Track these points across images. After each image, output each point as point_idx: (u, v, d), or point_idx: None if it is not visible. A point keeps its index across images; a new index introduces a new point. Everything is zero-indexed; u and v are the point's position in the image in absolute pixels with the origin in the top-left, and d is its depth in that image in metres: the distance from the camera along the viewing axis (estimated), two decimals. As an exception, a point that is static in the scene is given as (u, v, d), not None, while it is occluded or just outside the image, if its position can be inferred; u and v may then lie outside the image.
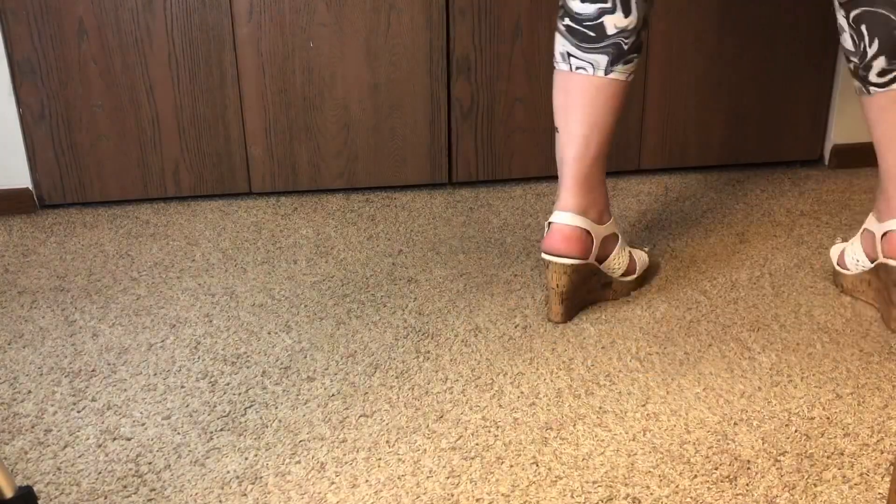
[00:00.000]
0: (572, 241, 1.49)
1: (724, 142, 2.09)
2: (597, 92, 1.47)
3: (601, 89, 1.47)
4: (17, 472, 1.23)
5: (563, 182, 1.51)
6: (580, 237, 1.49)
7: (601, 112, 1.48)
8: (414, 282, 1.68)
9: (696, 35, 2.00)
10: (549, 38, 1.96)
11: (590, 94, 1.47)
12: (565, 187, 1.51)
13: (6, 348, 1.50)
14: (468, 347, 1.48)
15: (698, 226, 1.87)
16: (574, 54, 1.46)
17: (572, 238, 1.49)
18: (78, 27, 1.85)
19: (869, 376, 1.40)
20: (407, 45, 1.93)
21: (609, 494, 1.17)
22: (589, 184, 1.50)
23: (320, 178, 2.02)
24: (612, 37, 1.45)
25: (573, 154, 1.49)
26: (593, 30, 1.44)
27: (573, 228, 1.49)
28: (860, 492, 1.17)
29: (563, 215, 1.49)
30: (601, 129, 1.49)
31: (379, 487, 1.19)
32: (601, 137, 1.49)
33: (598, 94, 1.47)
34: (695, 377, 1.40)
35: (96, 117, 1.92)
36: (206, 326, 1.55)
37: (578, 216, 1.49)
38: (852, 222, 1.87)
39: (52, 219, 1.94)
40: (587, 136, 1.48)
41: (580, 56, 1.46)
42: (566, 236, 1.49)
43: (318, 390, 1.38)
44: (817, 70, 2.06)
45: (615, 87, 1.47)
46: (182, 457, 1.25)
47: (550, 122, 2.02)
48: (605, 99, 1.47)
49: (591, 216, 1.51)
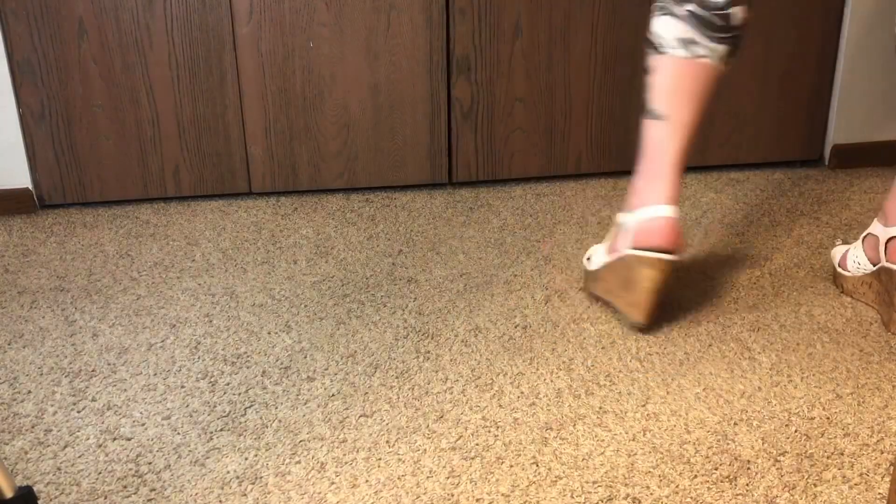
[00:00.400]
0: (678, 235, 1.43)
1: (724, 142, 2.09)
2: (711, 82, 1.43)
3: (714, 80, 1.44)
4: (17, 472, 1.23)
5: (661, 172, 1.44)
6: (681, 231, 1.43)
7: (707, 102, 1.44)
8: (414, 282, 1.68)
9: (696, 35, 2.00)
10: (549, 38, 1.96)
11: (706, 83, 1.43)
12: (663, 178, 1.44)
13: (6, 348, 1.50)
14: (468, 347, 1.48)
15: (698, 226, 1.87)
16: (698, 41, 1.41)
17: (677, 232, 1.43)
18: (78, 27, 1.85)
19: (869, 376, 1.40)
20: (407, 45, 1.93)
21: (609, 494, 1.17)
22: (681, 175, 1.46)
23: (320, 178, 2.02)
24: (737, 28, 1.42)
25: (679, 144, 1.44)
26: (722, 18, 1.41)
27: (677, 222, 1.43)
28: (860, 492, 1.17)
29: (667, 209, 1.42)
30: (702, 119, 1.45)
31: (379, 487, 1.19)
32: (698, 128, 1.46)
33: (711, 85, 1.44)
34: (695, 377, 1.40)
35: (96, 117, 1.92)
36: (206, 326, 1.55)
37: (677, 209, 1.44)
38: (852, 222, 1.87)
39: (52, 219, 1.94)
40: (695, 127, 1.44)
41: (705, 44, 1.41)
42: (675, 230, 1.42)
43: (318, 390, 1.38)
44: (817, 70, 2.06)
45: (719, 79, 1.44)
46: (182, 457, 1.25)
47: (550, 121, 2.02)
48: (713, 89, 1.44)
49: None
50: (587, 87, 2.01)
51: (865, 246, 1.56)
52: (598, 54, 1.99)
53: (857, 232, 1.83)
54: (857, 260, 1.58)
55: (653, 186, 1.45)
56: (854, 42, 2.04)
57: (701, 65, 1.42)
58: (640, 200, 1.45)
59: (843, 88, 2.07)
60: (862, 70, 2.06)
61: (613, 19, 1.97)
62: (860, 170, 2.12)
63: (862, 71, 2.06)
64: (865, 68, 2.06)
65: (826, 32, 2.03)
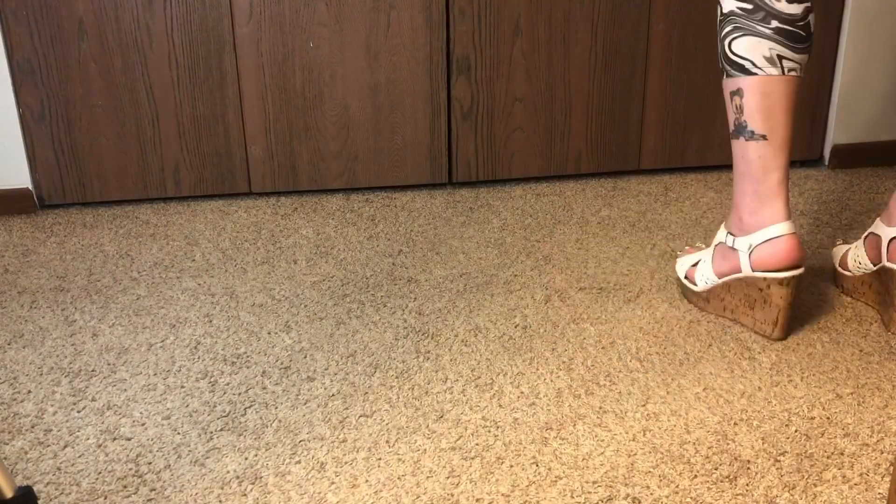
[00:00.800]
0: (801, 248, 1.45)
1: (724, 142, 2.09)
2: (797, 93, 1.44)
3: (799, 91, 1.44)
4: (17, 472, 1.23)
5: (774, 190, 1.44)
6: (801, 242, 1.46)
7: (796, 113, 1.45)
8: (414, 282, 1.68)
9: (696, 35, 2.00)
10: (548, 38, 1.96)
11: (795, 95, 1.44)
12: (776, 196, 1.45)
13: (6, 348, 1.50)
14: (468, 347, 1.48)
15: (698, 226, 1.87)
16: (787, 56, 1.41)
17: (800, 245, 1.45)
18: (78, 27, 1.85)
19: (869, 376, 1.40)
20: (407, 45, 1.93)
21: (609, 494, 1.17)
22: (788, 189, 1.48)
23: (320, 178, 2.02)
24: (812, 35, 1.43)
25: (784, 160, 1.44)
26: (804, 29, 1.41)
27: (797, 235, 1.45)
28: (860, 492, 1.17)
29: (787, 225, 1.44)
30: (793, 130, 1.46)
31: (379, 487, 1.19)
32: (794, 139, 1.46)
33: (797, 95, 1.44)
34: (695, 377, 1.40)
35: (96, 117, 1.92)
36: (206, 326, 1.55)
37: (793, 222, 1.46)
38: (852, 222, 1.87)
39: (52, 219, 1.94)
40: (793, 140, 1.45)
41: (793, 58, 1.41)
42: (798, 245, 1.44)
43: (318, 390, 1.38)
44: (817, 70, 2.06)
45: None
46: (182, 457, 1.25)
47: (550, 121, 2.02)
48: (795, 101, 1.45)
49: None
50: (587, 87, 2.01)
51: (867, 245, 1.56)
52: (598, 54, 1.99)
53: (857, 232, 1.83)
54: (858, 259, 1.58)
55: (768, 206, 1.45)
56: (854, 42, 2.04)
57: (793, 79, 1.42)
58: (757, 221, 1.46)
59: (843, 88, 2.07)
60: (862, 70, 2.06)
61: (613, 19, 1.97)
62: (860, 170, 2.12)
63: (862, 71, 2.06)
64: (865, 68, 2.06)
65: (826, 32, 2.03)
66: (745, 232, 1.47)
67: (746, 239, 1.47)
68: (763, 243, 1.45)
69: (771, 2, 1.39)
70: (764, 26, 1.40)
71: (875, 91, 2.08)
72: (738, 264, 1.48)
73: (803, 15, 1.40)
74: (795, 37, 1.40)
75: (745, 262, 1.47)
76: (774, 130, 1.43)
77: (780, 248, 1.44)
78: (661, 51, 2.00)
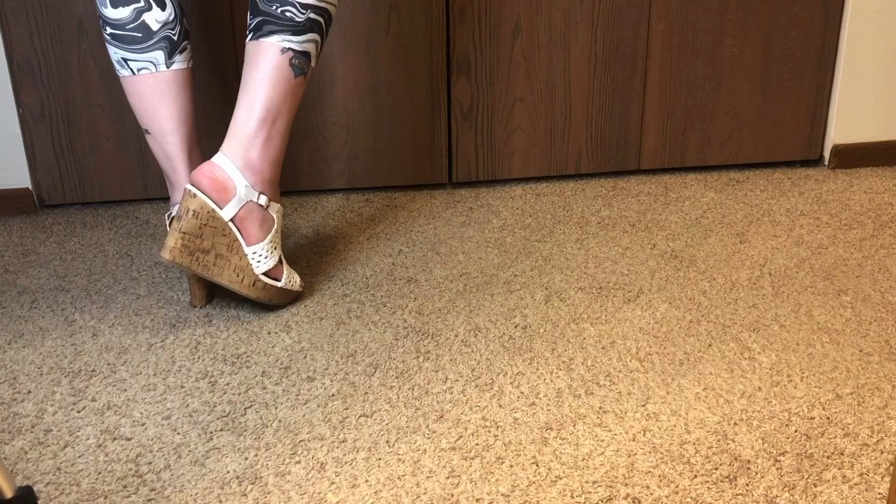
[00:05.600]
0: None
1: (724, 142, 2.09)
2: (167, 86, 1.55)
3: (170, 82, 1.55)
4: (17, 472, 1.23)
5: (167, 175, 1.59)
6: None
7: (183, 102, 1.57)
8: (414, 282, 1.68)
9: (696, 35, 2.00)
10: (548, 38, 1.96)
11: (161, 89, 1.55)
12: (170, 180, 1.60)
13: (6, 348, 1.50)
14: (468, 347, 1.48)
15: (698, 226, 1.87)
16: (130, 58, 1.53)
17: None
18: (78, 27, 1.85)
19: (869, 376, 1.40)
20: (407, 45, 1.93)
21: (609, 494, 1.17)
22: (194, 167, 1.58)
23: (320, 178, 2.02)
24: (158, 32, 1.52)
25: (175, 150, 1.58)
26: (138, 30, 1.52)
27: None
28: (860, 492, 1.17)
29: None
30: (188, 117, 1.57)
31: (379, 487, 1.19)
32: (192, 124, 1.58)
33: (169, 88, 1.55)
34: (695, 377, 1.40)
35: (96, 117, 1.92)
36: (206, 326, 1.55)
37: None
38: (852, 222, 1.87)
39: (52, 219, 1.94)
40: (179, 129, 1.56)
41: (137, 58, 1.53)
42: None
43: (318, 390, 1.38)
44: (817, 70, 2.06)
45: (183, 76, 1.56)
46: (182, 457, 1.25)
47: (550, 121, 2.02)
48: (179, 89, 1.56)
49: None
50: (587, 87, 2.01)
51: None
52: (598, 54, 1.99)
53: (857, 232, 1.83)
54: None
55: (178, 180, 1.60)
56: (854, 42, 2.04)
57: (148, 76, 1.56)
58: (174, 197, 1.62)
59: (843, 88, 2.07)
60: (862, 70, 2.06)
61: (613, 19, 1.97)
62: (860, 170, 2.12)
63: (862, 71, 2.06)
64: (865, 68, 2.06)
65: (826, 32, 2.03)
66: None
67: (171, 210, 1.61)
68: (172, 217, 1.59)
69: (101, 8, 1.53)
70: (104, 33, 1.55)
71: (875, 91, 2.08)
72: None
73: (134, 17, 1.51)
74: (131, 39, 1.52)
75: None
76: (153, 123, 1.57)
77: None
78: (661, 51, 2.00)
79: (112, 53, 1.55)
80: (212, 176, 1.47)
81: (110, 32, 1.53)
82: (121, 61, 1.54)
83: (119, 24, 1.52)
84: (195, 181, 1.46)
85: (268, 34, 1.48)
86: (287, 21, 1.47)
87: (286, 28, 1.48)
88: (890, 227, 1.85)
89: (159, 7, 1.52)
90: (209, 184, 1.46)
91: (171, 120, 1.56)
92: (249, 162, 1.49)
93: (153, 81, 1.55)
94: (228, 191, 1.47)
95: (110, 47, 1.55)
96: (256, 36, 1.49)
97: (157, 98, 1.55)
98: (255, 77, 1.48)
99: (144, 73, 1.54)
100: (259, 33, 1.48)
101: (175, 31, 1.54)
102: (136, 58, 1.53)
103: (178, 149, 1.57)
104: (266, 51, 1.48)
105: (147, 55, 1.53)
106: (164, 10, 1.52)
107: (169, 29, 1.53)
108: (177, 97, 1.56)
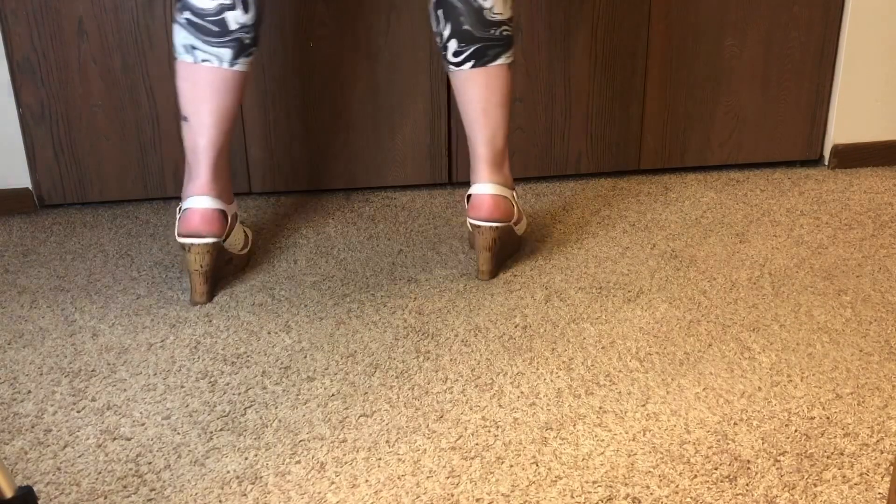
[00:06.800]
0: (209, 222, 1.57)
1: (724, 142, 2.09)
2: (223, 83, 1.56)
3: (227, 80, 1.56)
4: (17, 472, 1.23)
5: (193, 166, 1.59)
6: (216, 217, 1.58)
7: (231, 103, 1.58)
8: (414, 282, 1.68)
9: (696, 35, 2.00)
10: (549, 38, 1.96)
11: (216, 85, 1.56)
12: (196, 171, 1.59)
13: (6, 348, 1.50)
14: (468, 347, 1.48)
15: (698, 226, 1.87)
16: (198, 47, 1.53)
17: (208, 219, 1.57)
18: (78, 27, 1.85)
19: (869, 376, 1.40)
20: (407, 45, 1.93)
21: (609, 494, 1.17)
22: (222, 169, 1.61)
23: (320, 178, 2.02)
24: (234, 32, 1.53)
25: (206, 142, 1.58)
26: (216, 24, 1.52)
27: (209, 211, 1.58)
28: (860, 492, 1.17)
29: (200, 199, 1.58)
30: (230, 117, 1.58)
31: (379, 487, 1.19)
32: (230, 125, 1.59)
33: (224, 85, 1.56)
34: (695, 377, 1.40)
35: (96, 117, 1.92)
36: (206, 326, 1.55)
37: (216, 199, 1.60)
38: (852, 222, 1.87)
39: (52, 219, 1.94)
40: (218, 125, 1.57)
41: (205, 49, 1.53)
42: (205, 218, 1.57)
43: (318, 390, 1.38)
44: (817, 70, 2.06)
45: (240, 79, 1.57)
46: (182, 457, 1.25)
47: (550, 121, 2.02)
48: (232, 89, 1.57)
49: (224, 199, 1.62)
50: (587, 87, 2.01)
51: None
52: (598, 54, 1.99)
53: (857, 232, 1.83)
54: None
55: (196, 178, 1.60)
56: (854, 42, 2.04)
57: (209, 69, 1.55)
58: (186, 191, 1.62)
59: (843, 88, 2.07)
60: (862, 70, 2.06)
61: (613, 19, 1.97)
62: (860, 170, 2.12)
63: (862, 71, 2.06)
64: (865, 68, 2.06)
65: (826, 32, 2.03)
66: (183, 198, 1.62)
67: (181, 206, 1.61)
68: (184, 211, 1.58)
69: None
70: (179, 16, 1.54)
71: (875, 91, 2.08)
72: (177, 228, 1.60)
73: (217, 11, 1.52)
74: (206, 30, 1.52)
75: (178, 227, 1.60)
76: (194, 113, 1.57)
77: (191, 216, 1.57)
78: (661, 51, 2.00)
79: (179, 37, 1.53)
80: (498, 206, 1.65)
81: (187, 18, 1.52)
82: (187, 47, 1.53)
83: (201, 13, 1.51)
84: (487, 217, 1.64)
85: (494, 58, 1.60)
86: (506, 40, 1.61)
87: (507, 46, 1.61)
88: (890, 227, 1.85)
89: (243, 9, 1.52)
90: (500, 214, 1.64)
91: (213, 115, 1.56)
92: (506, 180, 1.67)
93: (211, 76, 1.54)
94: (510, 209, 1.67)
95: (181, 31, 1.53)
96: (482, 63, 1.59)
97: (209, 91, 1.55)
98: (493, 101, 1.62)
99: (206, 65, 1.54)
100: (485, 59, 1.59)
101: (249, 35, 1.54)
102: (205, 49, 1.53)
103: (210, 144, 1.57)
104: (497, 75, 1.61)
105: (216, 50, 1.53)
106: (246, 13, 1.52)
107: (245, 31, 1.53)
108: (227, 96, 1.56)
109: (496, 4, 1.57)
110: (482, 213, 1.63)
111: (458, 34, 1.57)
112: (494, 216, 1.63)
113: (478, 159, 1.64)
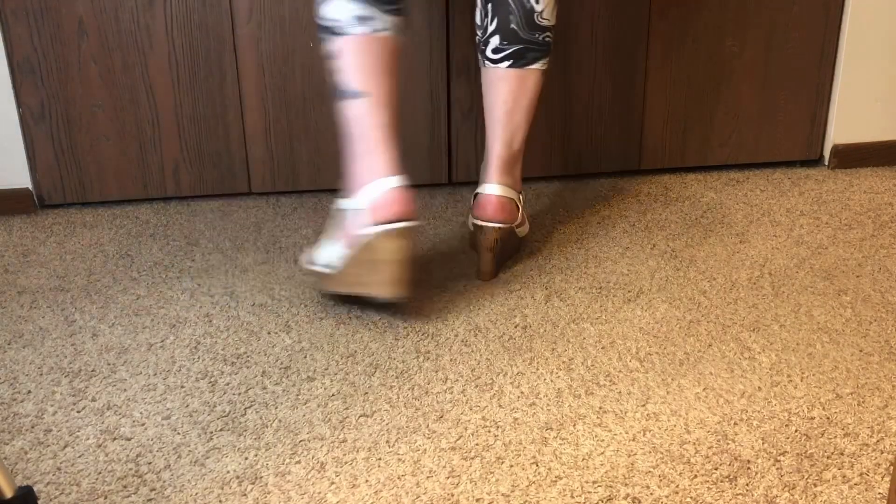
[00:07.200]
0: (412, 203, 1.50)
1: (724, 142, 2.09)
2: (393, 52, 1.51)
3: (399, 50, 1.53)
4: (17, 472, 1.23)
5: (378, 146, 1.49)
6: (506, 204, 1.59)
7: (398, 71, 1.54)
8: (414, 282, 1.68)
9: (696, 35, 2.00)
10: (549, 38, 1.96)
11: (390, 54, 1.51)
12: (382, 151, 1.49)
13: (6, 348, 1.50)
14: (468, 347, 1.48)
15: (698, 226, 1.87)
16: (374, 17, 1.48)
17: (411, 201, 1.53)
18: (78, 27, 1.85)
19: (869, 376, 1.40)
20: (407, 45, 1.93)
21: (609, 494, 1.17)
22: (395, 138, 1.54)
23: (320, 178, 2.02)
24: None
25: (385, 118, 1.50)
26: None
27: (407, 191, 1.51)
28: (860, 492, 1.17)
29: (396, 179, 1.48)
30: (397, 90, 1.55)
31: (379, 487, 1.19)
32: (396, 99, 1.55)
33: (393, 55, 1.51)
34: (695, 377, 1.40)
35: (96, 117, 1.92)
36: (206, 326, 1.55)
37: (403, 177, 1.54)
38: (852, 222, 1.87)
39: (52, 219, 1.94)
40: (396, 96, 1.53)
41: (381, 18, 1.49)
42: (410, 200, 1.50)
43: (318, 390, 1.38)
44: (817, 70, 2.06)
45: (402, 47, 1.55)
46: (182, 457, 1.25)
47: (550, 121, 2.02)
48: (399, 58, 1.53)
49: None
50: (586, 86, 2.01)
51: None
52: (597, 54, 1.99)
53: (857, 232, 1.83)
54: None
55: (374, 161, 1.49)
56: (854, 42, 2.04)
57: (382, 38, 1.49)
58: (369, 178, 1.49)
59: (843, 88, 2.07)
60: (862, 70, 2.06)
61: (613, 19, 1.97)
62: (860, 170, 2.12)
63: (862, 71, 2.06)
64: (865, 68, 2.06)
65: (826, 32, 2.03)
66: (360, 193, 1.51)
67: (361, 198, 1.50)
68: (375, 198, 1.48)
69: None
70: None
71: (875, 91, 2.08)
72: (359, 223, 1.48)
73: None
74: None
75: (363, 220, 1.48)
76: (376, 87, 1.49)
77: (390, 199, 1.47)
78: (661, 51, 2.00)
79: (344, 10, 1.46)
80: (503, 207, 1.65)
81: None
82: (359, 18, 1.47)
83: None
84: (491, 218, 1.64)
85: (532, 61, 1.61)
86: (546, 46, 1.62)
87: (546, 53, 1.63)
88: (890, 227, 1.85)
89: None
90: (504, 216, 1.65)
91: (394, 88, 1.51)
92: (514, 182, 1.68)
93: (392, 45, 1.50)
94: (515, 212, 1.67)
95: (347, 4, 1.46)
96: (519, 64, 1.60)
97: (392, 62, 1.50)
98: (521, 103, 1.62)
99: (385, 34, 1.49)
100: (523, 61, 1.60)
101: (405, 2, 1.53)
102: (381, 18, 1.47)
103: (393, 119, 1.51)
104: (530, 79, 1.62)
105: (391, 18, 1.49)
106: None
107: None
108: (397, 70, 1.52)
109: (546, 9, 1.58)
110: (487, 213, 1.64)
111: (502, 31, 1.58)
112: (498, 217, 1.64)
113: (492, 158, 1.65)
